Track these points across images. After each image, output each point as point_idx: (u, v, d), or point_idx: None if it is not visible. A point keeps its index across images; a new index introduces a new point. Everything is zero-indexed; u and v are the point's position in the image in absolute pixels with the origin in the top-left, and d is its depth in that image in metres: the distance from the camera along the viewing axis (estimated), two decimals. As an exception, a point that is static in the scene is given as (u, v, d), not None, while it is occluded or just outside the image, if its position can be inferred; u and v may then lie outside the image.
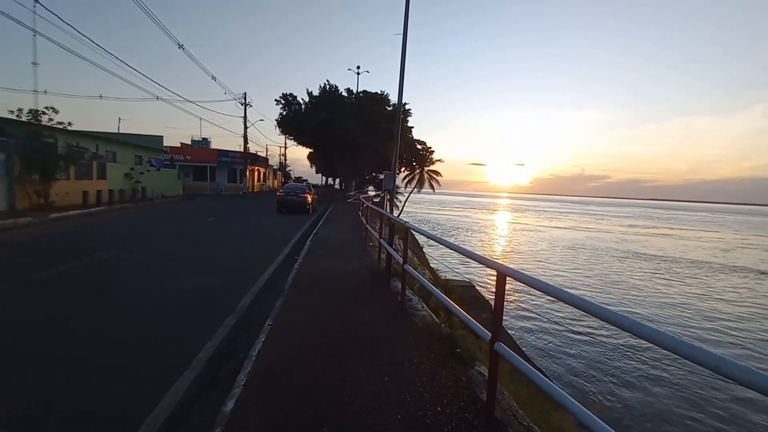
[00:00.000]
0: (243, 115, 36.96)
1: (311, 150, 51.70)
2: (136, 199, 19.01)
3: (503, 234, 49.87)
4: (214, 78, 26.51)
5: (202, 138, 46.72)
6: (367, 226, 9.29)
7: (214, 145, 42.39)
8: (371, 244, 9.68)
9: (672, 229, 69.13)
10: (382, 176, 51.20)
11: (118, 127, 35.58)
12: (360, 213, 14.18)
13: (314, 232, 12.01)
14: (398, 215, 49.63)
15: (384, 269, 6.84)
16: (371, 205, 9.83)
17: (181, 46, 20.27)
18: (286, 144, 65.52)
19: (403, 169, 48.34)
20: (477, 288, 20.82)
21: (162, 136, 25.96)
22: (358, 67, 37.62)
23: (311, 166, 72.27)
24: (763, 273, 26.72)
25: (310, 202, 19.54)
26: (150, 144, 24.50)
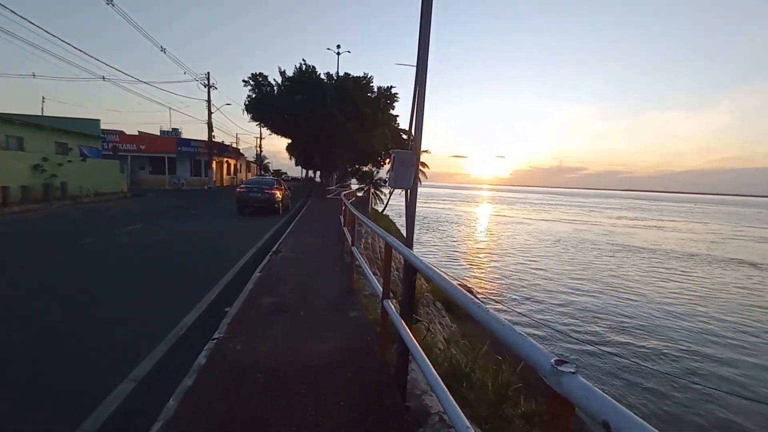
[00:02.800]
0: (206, 98, 32.35)
1: (290, 141, 47.34)
2: (50, 198, 14.61)
3: (493, 229, 46.89)
4: (163, 50, 22.00)
5: (172, 128, 41.65)
6: (352, 249, 5.48)
7: (186, 137, 37.36)
8: (359, 268, 5.92)
9: (662, 220, 67.95)
10: (365, 168, 47.47)
11: (42, 109, 30.34)
12: (341, 217, 10.41)
13: (274, 249, 8.14)
14: (383, 210, 46.11)
15: (394, 361, 3.15)
16: (358, 215, 6.02)
17: (110, 2, 15.82)
18: (261, 134, 60.54)
19: (387, 161, 44.73)
20: (475, 292, 18.31)
21: (98, 120, 21.24)
22: (338, 47, 33.60)
23: (290, 158, 67.75)
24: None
25: (279, 199, 15.59)
26: (82, 129, 19.84)
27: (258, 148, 66.28)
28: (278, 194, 15.64)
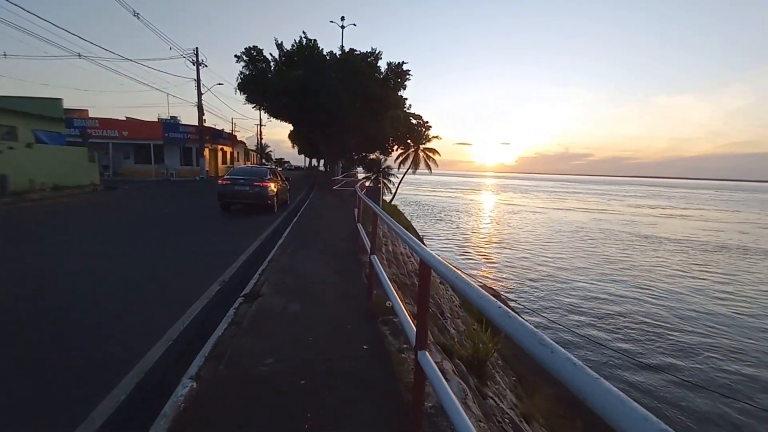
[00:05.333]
0: (195, 77, 28.76)
1: (292, 128, 43.76)
2: (-22, 195, 11.37)
3: (507, 219, 43.41)
4: (136, 15, 18.38)
5: (171, 116, 38.19)
6: (419, 356, 2.13)
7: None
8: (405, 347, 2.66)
9: (687, 209, 64.10)
10: (372, 156, 43.99)
11: None
12: (356, 217, 7.13)
13: (249, 290, 4.77)
14: (391, 200, 42.77)
15: None
16: (395, 227, 2.78)
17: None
18: (261, 119, 56.93)
19: (396, 147, 41.23)
20: (503, 298, 15.32)
21: (60, 99, 17.68)
22: (343, 19, 29.81)
23: (293, 147, 64.40)
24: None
25: (272, 193, 12.25)
26: (38, 109, 16.49)
27: (258, 136, 62.64)
28: (272, 187, 12.29)
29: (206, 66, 29.20)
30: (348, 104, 24.38)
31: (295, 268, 5.75)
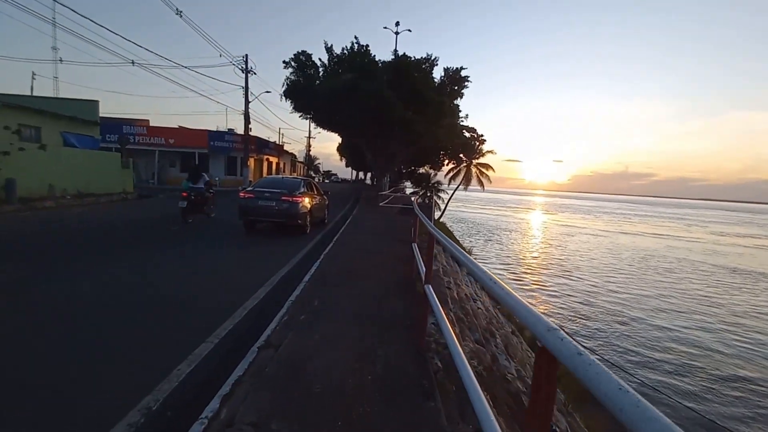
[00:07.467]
0: (244, 84, 27.75)
1: (340, 140, 42.17)
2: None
3: (571, 242, 38.33)
4: (179, 13, 17.19)
5: (228, 129, 38.08)
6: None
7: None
8: None
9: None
10: (422, 170, 40.90)
11: (32, 88, 27.32)
12: (420, 269, 4.25)
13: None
14: (440, 217, 39.51)
15: None
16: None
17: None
18: (310, 131, 56.38)
19: (447, 162, 38.26)
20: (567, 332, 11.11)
21: (96, 101, 16.84)
22: (397, 24, 27.63)
23: (341, 159, 63.50)
24: None
25: (305, 210, 9.78)
26: (72, 111, 15.53)
27: (307, 147, 62.26)
28: (305, 202, 9.80)
29: (255, 74, 28.17)
30: (399, 110, 21.88)
31: (303, 369, 2.95)
